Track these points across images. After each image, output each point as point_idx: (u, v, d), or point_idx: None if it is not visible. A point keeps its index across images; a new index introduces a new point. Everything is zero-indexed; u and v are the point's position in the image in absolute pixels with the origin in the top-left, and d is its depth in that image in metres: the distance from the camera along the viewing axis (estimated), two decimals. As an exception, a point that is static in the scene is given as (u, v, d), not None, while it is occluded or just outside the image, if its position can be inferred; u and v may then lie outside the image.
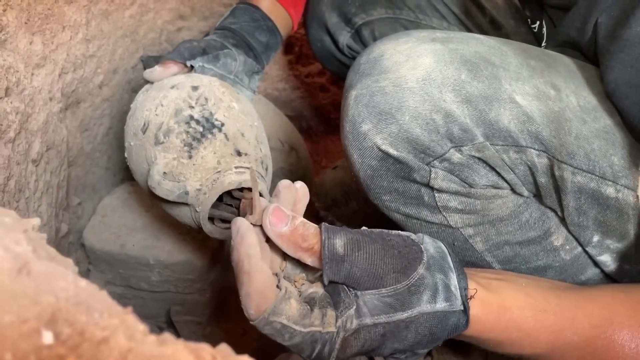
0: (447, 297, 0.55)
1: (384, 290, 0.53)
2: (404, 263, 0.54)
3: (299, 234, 0.53)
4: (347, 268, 0.53)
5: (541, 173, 0.64)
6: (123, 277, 1.07)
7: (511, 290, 0.59)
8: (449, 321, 0.55)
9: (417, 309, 0.54)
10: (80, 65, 0.95)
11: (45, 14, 0.81)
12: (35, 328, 0.25)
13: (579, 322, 0.58)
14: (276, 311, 0.52)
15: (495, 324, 0.57)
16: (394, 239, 0.56)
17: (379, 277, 0.53)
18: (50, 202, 0.89)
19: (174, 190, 0.76)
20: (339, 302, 0.54)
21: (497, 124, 0.63)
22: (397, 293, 0.53)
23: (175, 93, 0.82)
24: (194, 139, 0.78)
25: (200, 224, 0.78)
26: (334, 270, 0.53)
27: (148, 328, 0.28)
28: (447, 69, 0.65)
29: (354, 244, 0.54)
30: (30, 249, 0.30)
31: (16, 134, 0.75)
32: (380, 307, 0.53)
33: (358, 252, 0.53)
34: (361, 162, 0.68)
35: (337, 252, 0.53)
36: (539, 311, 0.58)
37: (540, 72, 0.66)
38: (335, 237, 0.53)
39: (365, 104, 0.67)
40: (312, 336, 0.52)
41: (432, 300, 0.54)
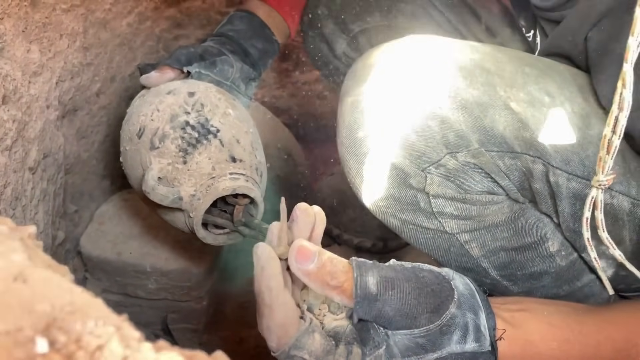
0: (476, 338, 0.53)
1: (417, 331, 0.51)
2: (437, 302, 0.52)
3: (327, 272, 0.50)
4: (379, 307, 0.51)
5: (536, 179, 0.64)
6: (120, 285, 1.07)
7: (535, 323, 0.58)
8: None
9: (447, 349, 0.52)
10: (77, 73, 0.95)
11: (43, 22, 0.81)
12: (30, 336, 0.25)
13: (603, 348, 0.58)
14: (298, 345, 0.50)
15: (522, 359, 0.56)
16: (426, 276, 0.54)
17: (412, 317, 0.51)
18: (47, 209, 0.89)
19: (168, 195, 0.76)
20: (368, 339, 0.52)
21: (492, 130, 0.63)
22: (430, 334, 0.52)
23: (172, 99, 0.82)
24: (189, 145, 0.78)
25: (193, 229, 0.78)
26: (365, 310, 0.51)
27: (144, 336, 0.28)
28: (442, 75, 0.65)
29: (387, 282, 0.51)
30: (26, 257, 0.30)
31: (13, 142, 0.75)
32: (412, 348, 0.52)
33: (392, 290, 0.51)
34: (357, 168, 0.68)
35: (369, 291, 0.50)
36: (564, 341, 0.57)
37: (535, 79, 0.66)
38: (368, 275, 0.51)
39: (361, 111, 0.67)
40: None
41: (462, 340, 0.52)
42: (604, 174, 0.57)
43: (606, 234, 0.60)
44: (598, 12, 0.64)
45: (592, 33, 0.66)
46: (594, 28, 0.65)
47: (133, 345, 0.27)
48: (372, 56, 0.73)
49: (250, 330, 1.06)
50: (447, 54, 0.69)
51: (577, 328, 0.59)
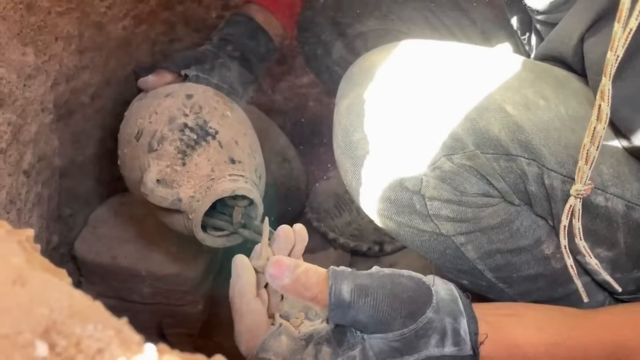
0: (455, 342, 0.53)
1: (391, 335, 0.53)
2: (413, 307, 0.53)
3: (301, 284, 0.53)
4: (353, 315, 0.52)
5: (531, 181, 0.65)
6: (114, 289, 1.06)
7: (522, 327, 0.59)
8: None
9: (425, 352, 0.53)
10: (72, 76, 0.95)
11: (38, 25, 0.81)
12: (29, 340, 0.25)
13: (593, 352, 0.58)
14: (265, 348, 0.53)
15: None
16: (404, 282, 0.55)
17: (386, 322, 0.52)
18: (41, 213, 0.89)
19: (167, 197, 0.76)
20: (343, 341, 0.54)
21: (488, 133, 0.64)
22: (404, 338, 0.52)
23: (170, 101, 0.82)
24: (188, 147, 0.78)
25: (192, 231, 0.78)
26: (340, 317, 0.53)
27: (144, 339, 0.28)
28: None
29: (360, 291, 0.53)
30: (25, 260, 0.30)
31: (8, 145, 0.75)
32: (387, 351, 0.53)
33: (365, 298, 0.52)
34: (354, 170, 0.68)
35: (343, 299, 0.52)
36: (551, 345, 0.57)
37: (530, 82, 0.67)
38: (342, 283, 0.53)
39: (357, 113, 0.67)
40: None
41: (440, 344, 0.53)
42: (582, 183, 0.58)
43: (583, 242, 0.61)
44: (594, 14, 0.64)
45: (588, 35, 0.66)
46: (590, 30, 0.66)
47: (133, 349, 0.27)
48: (368, 60, 0.73)
49: (246, 334, 1.05)
50: (442, 58, 0.70)
51: (565, 332, 0.59)
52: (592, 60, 0.66)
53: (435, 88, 0.66)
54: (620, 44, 0.53)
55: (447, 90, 0.65)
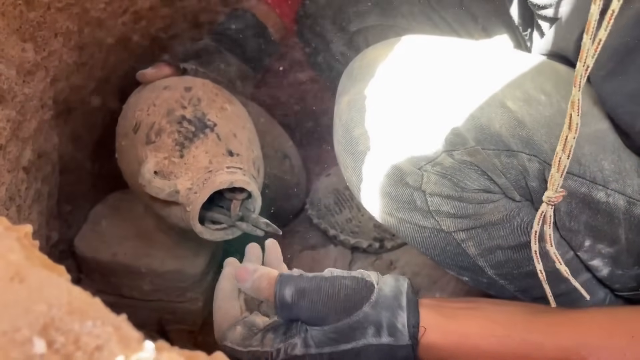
0: (391, 333, 0.60)
1: (326, 328, 0.61)
2: (348, 305, 0.61)
3: (256, 288, 0.64)
4: (295, 313, 0.62)
5: (532, 177, 0.65)
6: (114, 286, 1.06)
7: (477, 319, 0.63)
8: (397, 354, 0.60)
9: (363, 341, 0.60)
10: (72, 72, 0.94)
11: (38, 21, 0.81)
12: (27, 337, 0.25)
13: (548, 345, 0.60)
14: (223, 337, 0.64)
15: (457, 350, 0.61)
16: (345, 282, 0.63)
17: (322, 318, 0.61)
18: (40, 210, 0.89)
19: (164, 188, 0.75)
20: (288, 330, 0.63)
21: (489, 128, 0.63)
22: (338, 330, 0.61)
23: (168, 93, 0.82)
24: (186, 139, 0.78)
25: (190, 224, 0.78)
26: (284, 315, 0.63)
27: (143, 336, 0.28)
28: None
29: (300, 294, 0.62)
30: (23, 257, 0.29)
31: (7, 141, 0.75)
32: (325, 340, 0.61)
33: (302, 300, 0.62)
34: (354, 166, 0.68)
35: (285, 301, 0.62)
36: (503, 337, 0.61)
37: (531, 78, 0.67)
38: (285, 288, 0.63)
39: (358, 109, 0.67)
40: (253, 355, 0.62)
41: (376, 334, 0.60)
42: (554, 190, 0.60)
43: (554, 249, 0.63)
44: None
45: None
46: None
47: (132, 346, 0.26)
48: (369, 55, 0.73)
49: (246, 331, 1.05)
50: (443, 53, 0.69)
51: (522, 326, 0.62)
52: None
53: (435, 84, 0.65)
54: (590, 54, 0.55)
55: (447, 85, 0.65)
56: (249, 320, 0.66)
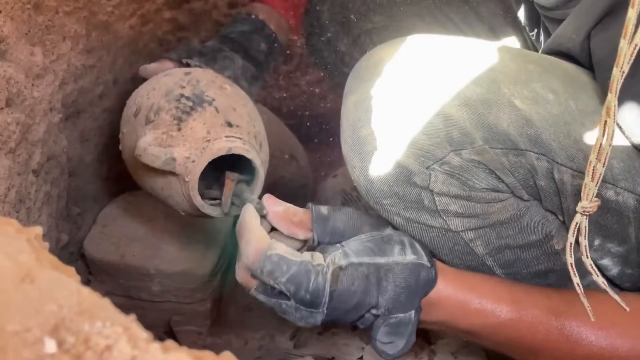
0: (414, 252, 0.66)
1: (363, 236, 0.66)
2: (377, 223, 0.69)
3: (291, 212, 0.68)
4: (331, 224, 0.67)
5: (541, 176, 0.64)
6: (123, 288, 1.06)
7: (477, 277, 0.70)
8: (420, 274, 0.64)
9: (392, 258, 0.64)
10: (80, 75, 0.95)
11: (46, 25, 0.81)
12: (38, 337, 0.25)
13: (538, 297, 0.66)
14: (272, 246, 0.63)
15: (457, 291, 0.66)
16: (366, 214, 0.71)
17: (358, 227, 0.67)
18: (50, 212, 0.89)
19: (160, 155, 0.73)
20: (325, 249, 0.65)
21: (496, 127, 0.63)
22: (374, 239, 0.65)
23: (168, 78, 0.82)
24: (184, 113, 0.76)
25: (189, 195, 0.76)
26: (321, 228, 0.67)
27: (152, 336, 0.28)
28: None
29: (335, 209, 0.69)
30: (34, 258, 0.30)
31: (17, 145, 0.75)
32: (362, 249, 0.64)
33: (339, 212, 0.69)
34: (361, 166, 0.68)
35: (322, 214, 0.67)
36: (497, 282, 0.69)
37: (539, 76, 0.66)
38: (320, 206, 0.69)
39: (365, 109, 0.67)
40: (306, 266, 0.61)
41: (402, 252, 0.65)
42: (589, 200, 0.58)
43: (590, 260, 0.61)
44: (600, 11, 0.64)
45: (595, 30, 0.66)
46: (597, 25, 0.65)
47: (141, 346, 0.27)
48: (375, 55, 0.73)
49: (254, 333, 1.05)
50: (450, 52, 0.69)
51: (518, 289, 0.69)
52: (599, 57, 0.66)
53: (442, 83, 0.65)
54: (626, 60, 0.53)
55: (454, 85, 0.65)
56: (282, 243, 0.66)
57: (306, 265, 0.61)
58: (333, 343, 0.98)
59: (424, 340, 0.97)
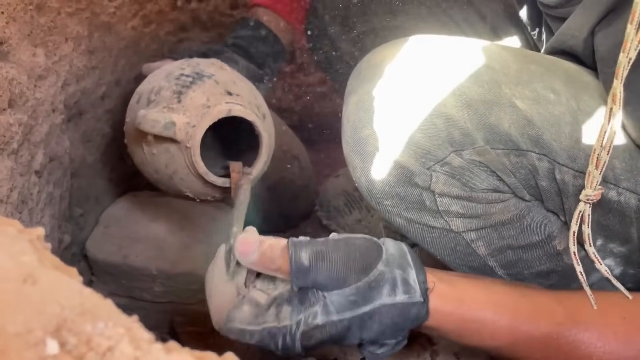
0: (406, 290, 0.59)
1: (347, 290, 0.58)
2: (365, 264, 0.59)
3: (267, 258, 0.59)
4: (313, 277, 0.58)
5: (542, 177, 0.64)
6: (126, 288, 1.07)
7: (471, 286, 0.63)
8: (410, 312, 0.59)
9: (379, 302, 0.58)
10: (82, 76, 0.95)
11: (48, 26, 0.82)
12: (40, 338, 0.25)
13: (541, 318, 0.61)
14: (230, 318, 0.59)
15: (453, 315, 0.61)
16: (356, 242, 0.61)
17: (342, 279, 0.58)
18: (52, 213, 0.89)
19: (159, 119, 0.73)
20: (304, 299, 0.59)
21: (497, 128, 0.63)
22: (359, 290, 0.58)
23: (169, 66, 0.83)
24: (184, 87, 0.77)
25: (192, 163, 0.76)
26: (301, 280, 0.59)
27: (154, 337, 0.28)
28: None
29: (317, 255, 0.59)
30: (36, 259, 0.30)
31: (19, 146, 0.75)
32: (345, 304, 0.58)
33: (322, 262, 0.59)
34: (362, 167, 0.68)
35: (303, 265, 0.58)
36: (497, 305, 0.62)
37: (540, 77, 0.66)
38: (301, 251, 0.59)
39: (366, 109, 0.67)
40: (269, 332, 0.58)
41: (391, 293, 0.58)
42: (592, 188, 0.58)
43: (593, 249, 0.61)
44: (604, 7, 0.64)
45: (599, 27, 0.66)
46: (600, 23, 0.65)
47: (144, 347, 0.27)
48: (377, 56, 0.73)
49: (257, 333, 1.05)
50: (451, 53, 0.69)
51: (516, 295, 0.62)
52: (602, 54, 0.66)
53: (443, 83, 0.65)
54: (633, 46, 0.53)
55: (455, 85, 0.65)
56: (251, 298, 0.61)
57: (269, 331, 0.57)
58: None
59: (427, 341, 0.96)
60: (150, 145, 0.78)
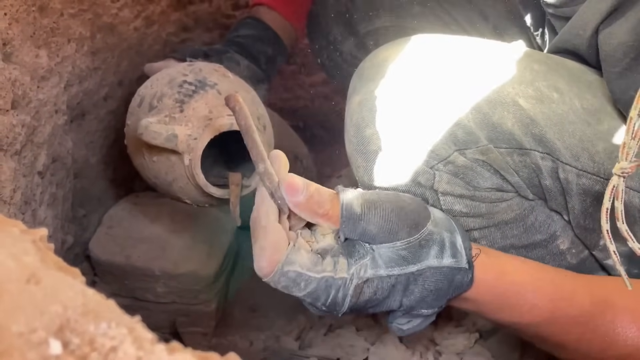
0: (453, 254, 0.58)
1: (399, 244, 0.56)
2: (416, 220, 0.58)
3: (315, 201, 0.55)
4: (363, 226, 0.56)
5: (546, 175, 0.64)
6: (128, 289, 1.07)
7: (510, 258, 0.63)
8: (455, 278, 0.58)
9: (426, 263, 0.56)
10: (85, 77, 0.95)
11: (51, 27, 0.82)
12: (43, 338, 0.25)
13: (579, 296, 0.60)
14: (289, 261, 0.55)
15: (495, 287, 0.60)
16: (406, 200, 0.60)
17: (394, 232, 0.56)
18: (55, 214, 0.89)
19: (161, 132, 0.73)
20: (353, 252, 0.57)
21: (501, 126, 0.63)
22: (410, 246, 0.56)
23: (171, 69, 0.83)
24: (186, 96, 0.77)
25: (193, 175, 0.76)
26: (351, 229, 0.56)
27: (157, 337, 0.28)
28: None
29: (370, 204, 0.56)
30: (38, 259, 0.30)
31: (22, 146, 0.75)
32: (395, 259, 0.56)
33: (374, 210, 0.56)
34: (366, 166, 0.68)
35: (354, 212, 0.56)
36: (537, 279, 0.61)
37: (543, 76, 0.66)
38: (352, 198, 0.56)
39: (369, 109, 0.67)
40: (326, 282, 0.55)
41: (439, 255, 0.57)
42: (628, 160, 0.55)
43: (625, 225, 0.58)
44: (609, 5, 0.64)
45: (603, 26, 0.65)
46: (605, 21, 0.65)
47: (146, 347, 0.27)
48: (379, 55, 0.73)
49: (259, 334, 1.05)
50: (454, 52, 0.69)
51: (553, 272, 0.62)
52: (606, 52, 0.65)
53: (447, 82, 0.65)
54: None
55: (459, 84, 0.65)
56: (304, 245, 0.57)
57: (327, 281, 0.55)
58: (338, 344, 0.97)
59: (430, 341, 0.96)
60: (151, 152, 0.79)
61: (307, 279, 0.55)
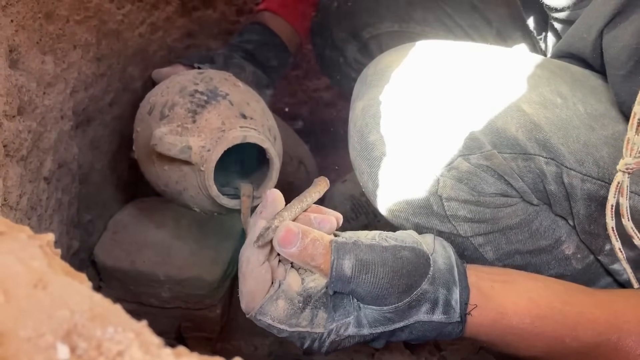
0: (445, 311, 0.56)
1: (386, 308, 0.55)
2: (410, 282, 0.56)
3: (308, 254, 0.55)
4: (352, 288, 0.55)
5: (550, 181, 0.64)
6: (134, 294, 1.07)
7: (513, 296, 0.60)
8: (444, 329, 0.57)
9: (414, 318, 0.56)
10: (90, 83, 0.96)
11: (57, 33, 0.82)
12: (51, 342, 0.26)
13: (582, 329, 0.58)
14: (262, 311, 0.56)
15: (491, 329, 0.59)
16: (405, 255, 0.57)
17: (383, 297, 0.55)
18: (61, 219, 0.90)
19: (176, 143, 0.74)
20: (339, 306, 0.56)
21: (505, 132, 0.63)
22: (398, 310, 0.56)
23: (181, 77, 0.84)
24: (198, 106, 0.78)
25: (205, 186, 0.76)
26: (339, 288, 0.55)
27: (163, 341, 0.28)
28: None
29: (362, 266, 0.54)
30: (46, 264, 0.30)
31: (28, 152, 0.76)
32: (380, 320, 0.56)
33: (365, 275, 0.54)
34: (370, 172, 0.68)
35: (344, 274, 0.54)
36: (539, 318, 0.58)
37: (547, 81, 0.66)
38: (345, 258, 0.55)
39: (372, 115, 0.67)
40: (300, 334, 0.55)
41: (430, 311, 0.56)
42: (632, 156, 0.54)
43: (631, 222, 0.58)
44: (613, 8, 0.64)
45: (607, 29, 0.65)
46: (609, 25, 0.65)
47: (153, 351, 0.27)
48: (383, 61, 0.73)
49: (264, 339, 1.05)
50: (458, 58, 0.69)
51: (558, 306, 0.59)
52: (611, 55, 0.65)
53: (450, 88, 0.65)
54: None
55: (462, 90, 0.65)
56: (287, 290, 0.57)
57: (300, 334, 0.55)
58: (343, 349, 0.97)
59: (434, 347, 0.96)
60: (162, 161, 0.79)
61: (280, 329, 0.55)
